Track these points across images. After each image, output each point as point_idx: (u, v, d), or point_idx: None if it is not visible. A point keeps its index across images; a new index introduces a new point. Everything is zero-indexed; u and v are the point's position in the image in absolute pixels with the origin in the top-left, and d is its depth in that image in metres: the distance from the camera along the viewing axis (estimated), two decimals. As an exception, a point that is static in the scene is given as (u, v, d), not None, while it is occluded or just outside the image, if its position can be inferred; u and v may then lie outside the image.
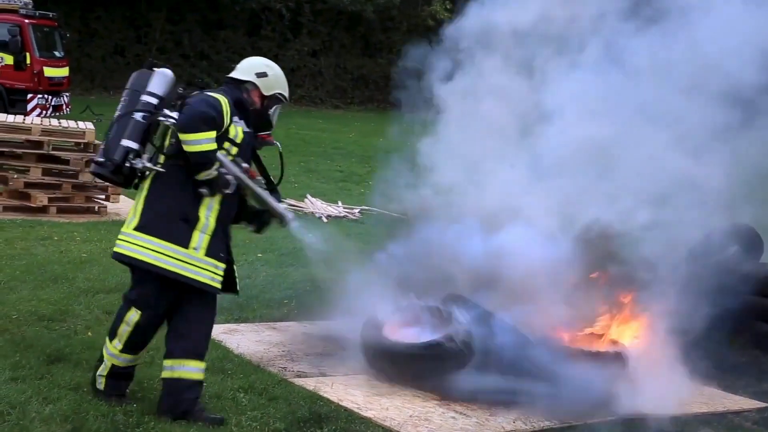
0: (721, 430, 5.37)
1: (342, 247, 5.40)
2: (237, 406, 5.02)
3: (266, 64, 5.18)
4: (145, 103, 4.72)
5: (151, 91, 4.74)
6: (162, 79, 4.79)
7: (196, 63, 29.51)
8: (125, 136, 4.66)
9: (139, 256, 4.67)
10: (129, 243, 4.71)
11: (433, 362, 5.64)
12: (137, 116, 4.69)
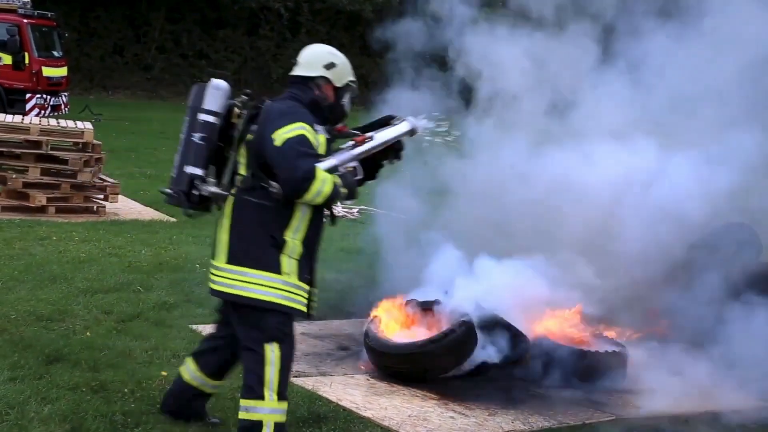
0: (719, 429, 5.37)
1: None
2: (236, 405, 4.99)
3: (330, 53, 4.75)
4: (203, 123, 4.42)
5: (207, 108, 4.43)
6: (216, 93, 4.47)
7: (194, 62, 29.51)
8: (189, 162, 4.38)
9: (239, 291, 4.31)
10: (225, 278, 4.35)
11: (438, 356, 5.66)
12: (196, 138, 4.40)
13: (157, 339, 6.05)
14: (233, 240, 4.37)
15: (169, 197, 4.43)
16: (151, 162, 15.44)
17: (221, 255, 4.38)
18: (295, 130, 4.28)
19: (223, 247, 4.39)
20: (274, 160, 4.24)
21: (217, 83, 4.48)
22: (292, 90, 4.59)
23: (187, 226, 10.23)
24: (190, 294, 7.33)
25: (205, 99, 4.45)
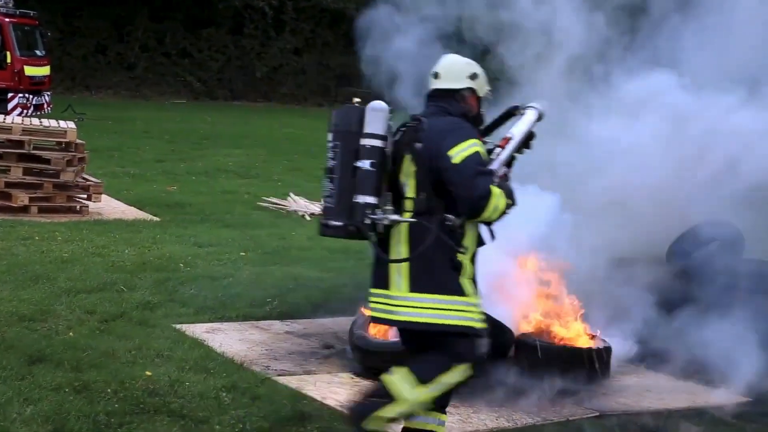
0: (702, 424, 5.39)
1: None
2: (220, 405, 5.01)
3: (470, 63, 4.50)
4: (370, 148, 4.14)
5: (372, 132, 4.16)
6: (378, 115, 4.20)
7: (178, 61, 29.42)
8: (360, 191, 4.12)
9: (429, 319, 4.16)
10: (410, 308, 4.17)
11: None
12: (365, 165, 4.14)
13: (141, 339, 6.03)
14: (414, 267, 4.17)
15: (336, 229, 4.18)
16: (135, 161, 15.39)
17: (400, 283, 4.18)
18: (471, 147, 4.16)
19: (402, 274, 4.19)
20: (453, 178, 4.12)
21: (376, 105, 4.23)
22: (439, 103, 4.39)
23: (170, 226, 10.21)
24: (174, 293, 7.31)
25: (367, 123, 4.18)
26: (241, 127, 21.72)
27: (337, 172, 4.18)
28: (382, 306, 4.28)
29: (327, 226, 4.20)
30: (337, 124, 4.24)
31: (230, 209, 11.75)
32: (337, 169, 4.18)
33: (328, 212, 4.20)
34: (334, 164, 4.19)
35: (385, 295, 4.25)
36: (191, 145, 17.77)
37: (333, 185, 4.18)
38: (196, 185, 13.49)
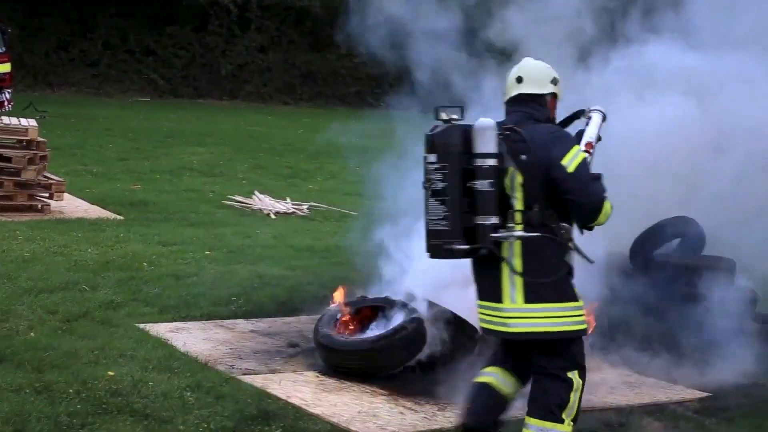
0: (664, 420, 5.45)
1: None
2: (184, 405, 4.98)
3: (549, 67, 4.50)
4: (487, 168, 4.12)
5: (486, 152, 4.13)
6: (488, 134, 4.16)
7: (141, 59, 29.14)
8: (480, 213, 4.12)
9: (547, 328, 4.20)
10: (526, 319, 4.20)
11: (389, 352, 5.67)
12: (484, 186, 4.12)
13: (104, 339, 5.98)
14: (529, 278, 4.19)
15: (461, 252, 4.16)
16: (98, 159, 15.23)
17: (515, 296, 4.20)
18: (579, 153, 4.22)
19: (516, 287, 4.19)
20: (570, 187, 4.15)
21: (485, 123, 4.18)
22: (525, 109, 4.37)
23: (134, 225, 10.12)
24: (138, 293, 7.25)
25: (480, 142, 4.15)
26: (206, 125, 21.59)
27: (449, 194, 4.14)
28: (493, 318, 4.31)
29: (450, 250, 4.16)
30: (443, 145, 4.18)
31: (195, 208, 11.68)
32: (448, 190, 4.14)
33: (444, 235, 4.16)
34: (444, 186, 4.15)
35: (496, 308, 4.27)
36: (155, 143, 17.63)
37: (446, 207, 4.14)
38: (160, 184, 13.39)
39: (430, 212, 4.20)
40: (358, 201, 13.41)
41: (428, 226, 4.23)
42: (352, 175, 16.11)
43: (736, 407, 5.73)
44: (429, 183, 4.20)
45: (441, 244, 4.17)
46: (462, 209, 4.14)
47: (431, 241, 4.23)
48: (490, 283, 4.29)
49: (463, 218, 4.14)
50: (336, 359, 5.83)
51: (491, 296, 4.29)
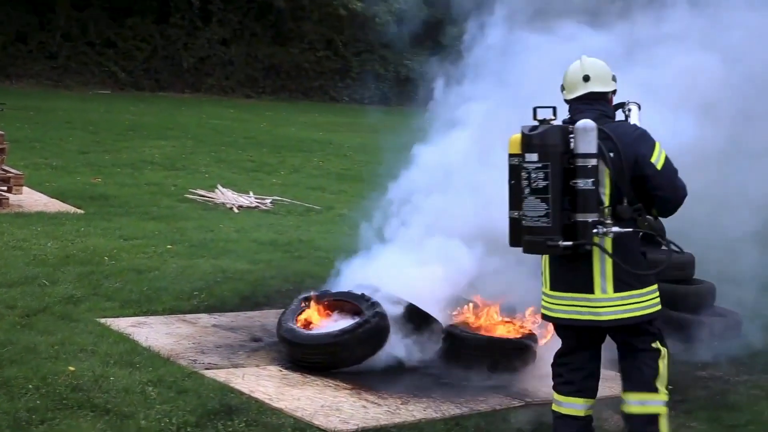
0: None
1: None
2: (146, 399, 4.95)
3: (606, 65, 4.73)
4: (589, 168, 4.31)
5: (587, 152, 4.31)
6: (590, 135, 4.32)
7: (102, 51, 28.81)
8: (581, 210, 4.33)
9: (637, 313, 4.50)
10: (618, 306, 4.47)
11: (352, 346, 5.67)
12: (587, 185, 4.31)
13: (64, 333, 5.91)
14: (618, 269, 4.44)
15: (564, 249, 4.33)
16: (57, 153, 15.04)
17: (606, 286, 4.45)
18: (662, 150, 4.50)
19: (607, 278, 4.44)
20: (660, 183, 4.45)
21: (587, 124, 4.35)
22: (597, 107, 4.60)
23: (95, 219, 10.02)
24: (98, 287, 7.18)
25: (582, 142, 4.33)
26: (168, 118, 21.42)
27: (551, 192, 4.31)
28: (580, 308, 4.50)
29: (553, 247, 4.34)
30: (544, 145, 4.33)
31: (156, 201, 11.58)
32: (551, 189, 4.31)
33: (545, 231, 4.34)
34: (546, 184, 4.31)
35: (586, 298, 4.48)
36: (116, 136, 17.45)
37: (547, 205, 4.31)
38: (121, 177, 13.26)
39: (529, 209, 4.37)
40: (322, 195, 13.41)
41: (525, 223, 4.38)
42: (316, 169, 16.09)
43: (694, 399, 5.82)
44: (528, 181, 4.36)
45: (543, 240, 4.35)
46: (562, 207, 4.33)
47: (530, 237, 4.39)
48: (576, 276, 4.49)
49: (562, 216, 4.33)
50: (299, 353, 5.82)
51: (578, 288, 4.50)
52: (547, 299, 4.62)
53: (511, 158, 4.47)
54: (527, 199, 4.36)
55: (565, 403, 4.68)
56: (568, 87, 4.68)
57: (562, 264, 4.52)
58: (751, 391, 6.06)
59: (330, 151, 18.35)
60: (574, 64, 4.72)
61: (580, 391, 4.69)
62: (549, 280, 4.60)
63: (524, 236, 4.41)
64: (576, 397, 4.69)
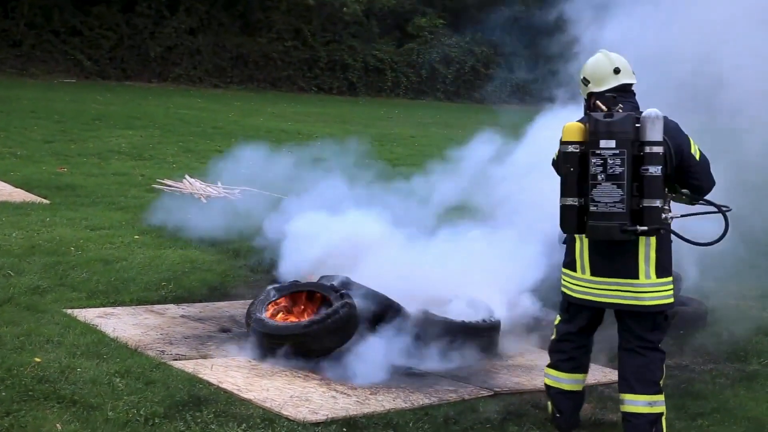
0: (592, 401, 5.56)
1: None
2: (113, 391, 4.91)
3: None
4: (657, 155, 4.53)
5: (656, 140, 4.53)
6: (659, 123, 4.53)
7: (67, 39, 28.47)
8: (650, 196, 4.53)
9: (665, 300, 4.75)
10: (656, 292, 4.71)
11: (321, 336, 5.67)
12: (657, 171, 4.54)
13: (30, 324, 5.85)
14: (659, 254, 4.67)
15: (636, 233, 4.55)
16: (22, 142, 14.86)
17: (649, 271, 4.67)
18: (695, 143, 4.75)
19: (650, 263, 4.66)
20: (699, 174, 4.74)
21: (656, 113, 4.53)
22: (630, 99, 4.81)
23: (61, 209, 9.91)
24: (65, 278, 7.11)
25: (652, 131, 4.51)
26: (135, 107, 21.22)
27: (624, 178, 4.50)
28: (625, 294, 4.70)
29: (629, 231, 4.53)
30: (622, 132, 4.51)
31: (123, 191, 11.48)
32: (624, 175, 4.50)
33: (619, 217, 4.53)
34: (622, 171, 4.50)
35: (629, 283, 4.68)
36: (82, 125, 17.27)
37: (623, 191, 4.51)
38: (88, 167, 13.12)
39: (603, 195, 4.54)
40: (290, 185, 13.35)
41: (597, 209, 4.55)
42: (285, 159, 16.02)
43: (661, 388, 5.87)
44: (603, 167, 4.51)
45: (617, 226, 4.52)
46: (632, 193, 4.52)
47: (604, 223, 4.55)
48: (619, 261, 4.68)
49: (632, 202, 4.52)
50: (268, 344, 5.80)
51: (620, 273, 4.69)
52: (585, 284, 4.79)
53: (569, 145, 4.63)
54: (600, 186, 4.52)
55: (567, 380, 5.00)
56: (596, 80, 4.85)
57: (605, 250, 4.68)
58: (716, 379, 6.14)
59: (299, 142, 18.28)
60: (598, 57, 4.93)
61: (579, 367, 4.98)
62: (589, 265, 4.76)
63: (593, 222, 4.56)
64: (577, 373, 4.98)
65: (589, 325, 4.99)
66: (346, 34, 32.07)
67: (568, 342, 4.99)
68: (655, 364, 4.78)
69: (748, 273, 8.53)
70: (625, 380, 4.80)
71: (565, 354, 4.99)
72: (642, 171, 4.52)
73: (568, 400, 5.01)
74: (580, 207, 4.61)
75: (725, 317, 7.44)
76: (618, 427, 5.12)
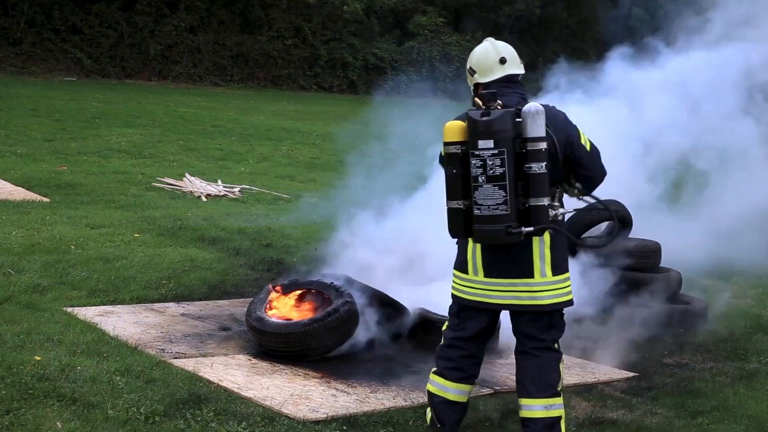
0: (592, 400, 5.56)
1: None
2: (113, 389, 4.91)
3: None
4: (541, 151, 4.27)
5: (538, 136, 4.26)
6: (541, 117, 4.26)
7: (67, 37, 28.49)
8: (535, 195, 4.26)
9: (561, 298, 4.48)
10: (550, 290, 4.44)
11: (321, 335, 5.67)
12: (541, 168, 4.26)
13: (30, 323, 5.85)
14: (554, 252, 4.42)
15: (523, 235, 4.25)
16: (22, 140, 14.87)
17: (545, 269, 4.41)
18: (584, 133, 4.51)
19: (546, 261, 4.40)
20: (589, 165, 4.49)
21: (535, 108, 4.23)
22: (518, 90, 4.55)
23: (61, 207, 9.92)
24: (65, 276, 7.11)
25: (533, 126, 4.21)
26: (135, 106, 21.23)
27: (506, 179, 4.20)
28: (521, 294, 4.43)
29: (515, 234, 4.23)
30: (500, 131, 4.20)
31: (124, 190, 11.49)
32: (506, 175, 4.20)
33: (504, 219, 4.23)
34: (502, 171, 4.20)
35: (525, 283, 4.42)
36: (82, 124, 17.28)
37: (505, 192, 4.21)
38: (88, 165, 13.13)
39: (485, 198, 4.24)
40: (291, 184, 13.36)
41: (480, 212, 4.25)
42: (284, 158, 16.04)
43: (661, 386, 5.88)
44: (483, 169, 4.22)
45: (502, 229, 4.24)
46: (517, 193, 4.24)
47: (488, 226, 4.26)
48: (515, 261, 4.41)
49: (516, 202, 4.24)
50: (268, 342, 5.80)
51: (515, 273, 4.42)
52: (478, 286, 4.49)
53: (451, 146, 4.33)
54: (482, 188, 4.23)
55: (453, 389, 4.65)
56: (482, 70, 4.55)
57: (498, 250, 4.41)
58: (716, 378, 6.13)
59: (299, 140, 18.30)
60: (484, 46, 4.63)
61: (467, 378, 4.67)
62: (482, 267, 4.47)
63: (478, 225, 4.28)
64: (463, 384, 4.67)
65: (485, 330, 4.63)
66: (346, 33, 32.08)
67: (456, 349, 4.63)
68: (551, 365, 4.47)
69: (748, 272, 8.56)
70: (522, 384, 4.51)
71: (453, 362, 4.63)
72: (525, 169, 4.21)
73: (452, 411, 4.66)
74: (467, 209, 4.31)
75: (725, 315, 7.45)
76: (618, 426, 5.12)
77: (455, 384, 4.64)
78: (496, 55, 4.55)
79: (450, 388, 4.65)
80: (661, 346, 6.68)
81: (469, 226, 4.33)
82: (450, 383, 4.64)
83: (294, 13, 31.48)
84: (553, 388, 4.46)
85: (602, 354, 6.36)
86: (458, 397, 4.67)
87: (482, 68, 4.55)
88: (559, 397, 4.49)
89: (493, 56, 4.55)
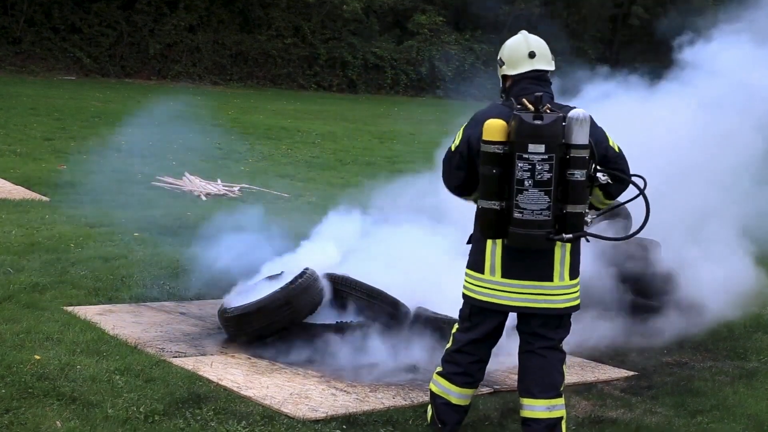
0: (592, 399, 5.56)
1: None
2: (113, 388, 4.91)
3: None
4: (582, 159, 4.24)
5: (582, 143, 4.23)
6: (585, 125, 4.24)
7: (67, 36, 28.47)
8: (574, 201, 4.25)
9: (576, 302, 4.53)
10: (569, 294, 4.46)
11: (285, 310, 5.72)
12: (582, 176, 4.25)
13: (29, 322, 5.85)
14: (573, 256, 4.44)
15: (562, 241, 4.26)
16: (21, 139, 14.87)
17: (564, 273, 4.42)
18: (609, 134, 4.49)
19: (565, 265, 4.41)
20: (619, 165, 4.44)
21: (582, 114, 4.19)
22: (545, 88, 4.48)
23: (60, 206, 9.92)
24: (65, 275, 7.11)
25: (576, 133, 4.16)
26: (134, 105, 21.21)
27: (552, 185, 4.16)
28: (538, 296, 4.41)
29: (555, 240, 4.24)
30: (552, 136, 4.14)
31: (123, 189, 11.48)
32: (552, 181, 4.16)
33: (547, 225, 4.20)
34: (550, 177, 4.15)
35: (543, 286, 4.40)
36: (82, 123, 17.27)
37: (549, 198, 4.17)
38: (88, 164, 13.12)
39: (530, 202, 4.18)
40: (290, 183, 13.35)
41: (522, 216, 4.19)
42: (284, 157, 16.03)
43: (660, 385, 5.88)
44: (531, 173, 4.15)
45: (543, 234, 4.21)
46: (556, 198, 4.21)
47: (526, 230, 4.21)
48: (535, 264, 4.38)
49: (555, 207, 4.21)
50: (230, 327, 5.85)
51: (534, 275, 4.39)
52: (495, 287, 4.44)
53: (491, 145, 4.21)
54: (528, 192, 4.16)
55: (456, 393, 4.65)
56: (511, 62, 4.52)
57: (519, 252, 4.37)
58: (716, 377, 6.14)
59: (298, 139, 18.29)
60: (517, 38, 4.59)
61: (472, 383, 4.66)
62: (500, 267, 4.41)
63: (516, 229, 4.21)
64: (468, 388, 4.67)
65: (494, 333, 4.61)
66: (345, 32, 32.06)
67: (466, 354, 4.60)
68: (555, 366, 4.48)
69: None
70: (525, 384, 4.50)
71: (461, 367, 4.60)
72: (568, 175, 4.17)
73: (454, 413, 4.66)
74: (500, 211, 4.24)
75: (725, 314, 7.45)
76: (618, 425, 5.12)
77: (460, 389, 4.64)
78: (526, 49, 4.52)
79: (454, 392, 4.65)
80: (660, 345, 6.68)
81: (501, 227, 4.27)
82: (455, 387, 4.64)
83: (293, 12, 31.45)
84: (556, 389, 4.46)
85: (603, 353, 6.34)
86: (461, 401, 4.68)
87: (511, 60, 4.53)
88: (561, 397, 4.49)
89: (523, 49, 4.52)
